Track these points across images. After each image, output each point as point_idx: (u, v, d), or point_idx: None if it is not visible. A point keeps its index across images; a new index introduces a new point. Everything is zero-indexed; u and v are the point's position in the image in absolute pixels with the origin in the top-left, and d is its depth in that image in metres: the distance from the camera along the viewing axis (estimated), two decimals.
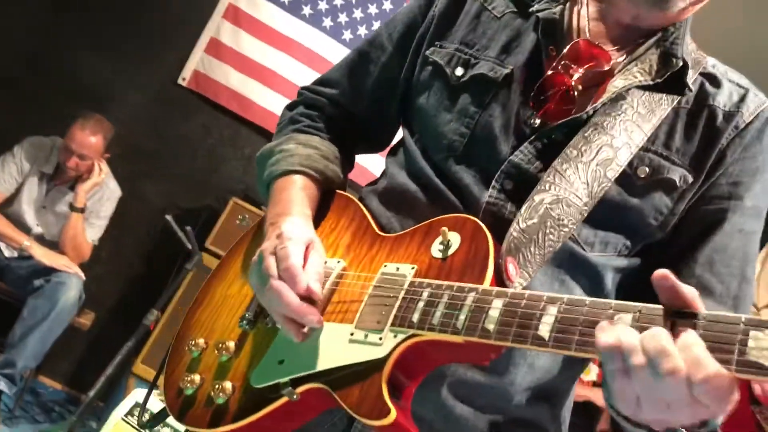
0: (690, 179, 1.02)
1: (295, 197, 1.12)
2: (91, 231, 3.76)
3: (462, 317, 0.80)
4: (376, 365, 0.84)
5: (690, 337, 0.65)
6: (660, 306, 0.69)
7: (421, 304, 0.85)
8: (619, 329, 0.68)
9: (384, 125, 1.30)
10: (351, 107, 1.29)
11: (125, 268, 4.18)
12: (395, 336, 0.85)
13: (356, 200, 1.16)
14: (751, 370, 0.60)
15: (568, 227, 0.96)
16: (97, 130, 3.63)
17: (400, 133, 1.28)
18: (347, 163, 1.29)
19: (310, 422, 0.97)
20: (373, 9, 4.44)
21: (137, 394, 2.77)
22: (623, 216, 1.00)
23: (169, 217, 3.00)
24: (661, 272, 0.69)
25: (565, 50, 1.04)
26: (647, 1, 1.01)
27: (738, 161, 1.04)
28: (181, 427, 1.05)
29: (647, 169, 1.01)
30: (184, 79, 4.15)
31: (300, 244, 0.97)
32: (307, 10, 4.30)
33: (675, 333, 0.66)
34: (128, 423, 2.63)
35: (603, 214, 0.99)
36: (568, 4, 1.11)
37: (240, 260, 1.22)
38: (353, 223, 1.10)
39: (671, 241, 1.05)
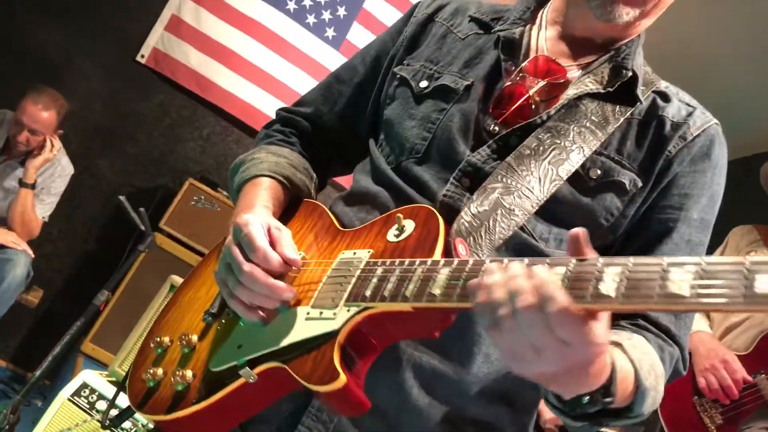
0: (639, 183, 1.08)
1: (259, 195, 1.16)
2: (41, 208, 3.68)
3: (411, 287, 0.84)
4: (330, 337, 0.87)
5: (541, 272, 0.72)
6: (594, 257, 0.74)
7: (374, 280, 0.89)
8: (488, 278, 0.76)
9: (355, 142, 1.34)
10: (325, 124, 1.36)
11: (76, 246, 4.10)
12: (348, 310, 0.88)
13: (323, 206, 1.20)
14: (672, 300, 0.66)
15: (519, 217, 1.02)
16: (50, 106, 3.54)
17: None
18: (318, 179, 1.34)
19: (264, 412, 0.99)
20: None
21: (85, 375, 2.73)
22: (575, 214, 1.05)
23: (122, 198, 2.95)
24: (576, 231, 0.76)
25: (524, 64, 1.13)
26: (595, 15, 1.09)
27: (688, 174, 1.11)
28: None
29: (599, 171, 1.07)
30: (143, 56, 4.07)
31: (258, 226, 1.00)
32: None
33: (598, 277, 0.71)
34: (75, 404, 2.59)
35: (556, 211, 1.04)
36: (528, 27, 1.20)
37: (210, 266, 1.23)
38: (318, 224, 1.14)
39: (623, 248, 1.11)
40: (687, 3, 3.84)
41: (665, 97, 1.15)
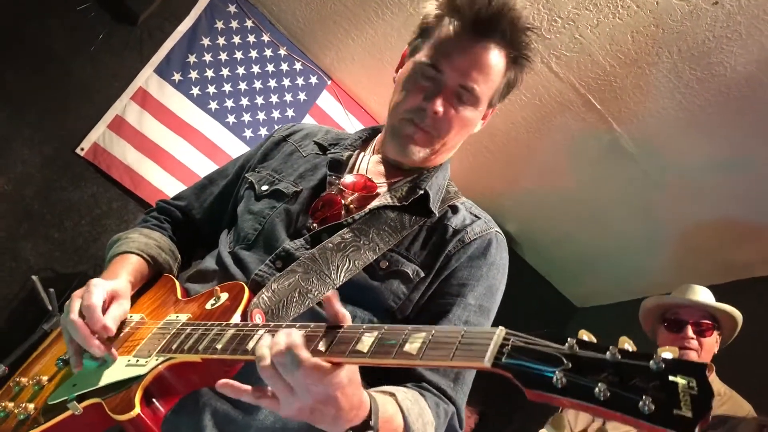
0: (422, 274, 1.35)
1: (124, 268, 1.40)
2: None
3: (204, 342, 1.06)
4: (139, 379, 1.08)
5: (293, 335, 0.93)
6: (324, 324, 0.97)
7: (182, 337, 1.11)
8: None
9: (215, 232, 1.60)
10: (194, 216, 1.64)
11: None
12: (157, 359, 1.09)
13: (174, 280, 1.44)
14: (405, 357, 0.86)
15: (314, 296, 1.25)
16: None
17: None
18: (181, 258, 1.60)
19: None
20: (276, 114, 4.81)
21: None
22: (367, 295, 1.30)
23: (35, 278, 3.10)
24: (328, 294, 0.98)
25: (343, 179, 1.43)
26: (395, 152, 1.43)
27: (465, 268, 1.37)
28: None
29: (387, 263, 1.34)
30: (82, 149, 4.29)
31: (103, 291, 1.22)
32: (213, 105, 4.62)
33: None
34: None
35: (351, 292, 1.29)
36: (356, 151, 1.53)
37: None
38: (165, 294, 1.39)
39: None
40: (587, 162, 4.33)
41: (455, 210, 1.45)
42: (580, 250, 5.11)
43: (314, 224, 1.37)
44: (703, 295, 3.18)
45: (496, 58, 1.38)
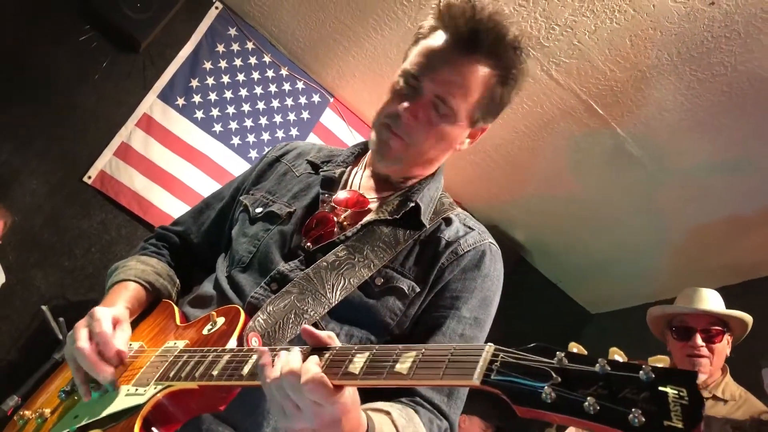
0: (417, 289, 1.34)
1: (122, 296, 1.42)
2: None
3: (201, 369, 1.06)
4: (138, 409, 1.08)
5: (312, 359, 0.93)
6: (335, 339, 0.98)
7: (179, 364, 1.12)
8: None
9: (214, 256, 1.61)
10: (193, 240, 1.65)
11: None
12: (155, 388, 1.10)
13: (173, 306, 1.45)
14: (396, 377, 0.86)
15: (310, 316, 1.25)
16: (0, 216, 3.75)
17: None
18: (181, 283, 1.61)
19: None
20: (280, 134, 4.84)
21: None
22: (363, 313, 1.30)
23: (44, 308, 3.11)
24: (303, 328, 0.99)
25: (336, 196, 1.43)
26: (377, 158, 1.43)
27: (459, 280, 1.36)
28: None
29: (382, 279, 1.33)
30: (89, 178, 4.32)
31: (109, 318, 1.24)
32: (218, 128, 4.65)
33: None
34: None
35: (347, 312, 1.29)
36: (348, 168, 1.52)
37: None
38: (163, 320, 1.39)
39: (411, 341, 1.34)
40: (593, 168, 4.32)
41: (448, 222, 1.44)
42: (590, 256, 5.08)
43: (308, 244, 1.37)
44: (710, 300, 3.10)
45: (477, 74, 1.37)
